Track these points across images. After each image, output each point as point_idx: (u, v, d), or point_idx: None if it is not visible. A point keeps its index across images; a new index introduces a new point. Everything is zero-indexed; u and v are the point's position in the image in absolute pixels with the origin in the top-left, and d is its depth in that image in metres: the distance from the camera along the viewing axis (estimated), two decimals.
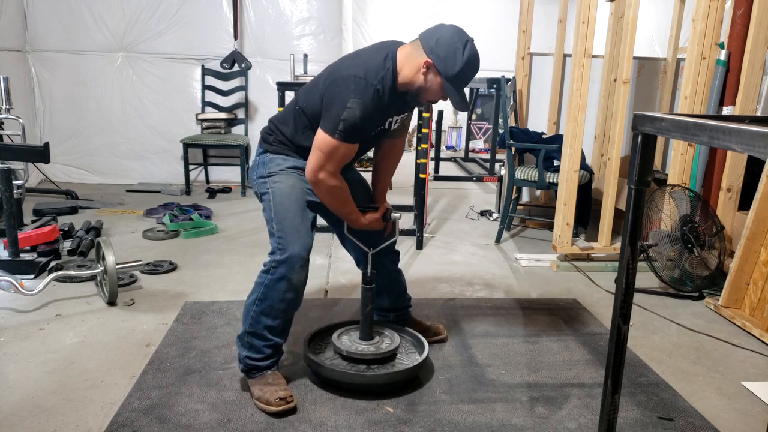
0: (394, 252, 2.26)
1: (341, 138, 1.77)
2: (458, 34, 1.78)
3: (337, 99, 1.76)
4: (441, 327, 2.39)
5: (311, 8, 5.20)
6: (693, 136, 1.12)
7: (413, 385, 2.03)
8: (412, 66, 1.80)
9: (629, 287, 1.36)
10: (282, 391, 1.84)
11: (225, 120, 5.06)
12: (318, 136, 1.81)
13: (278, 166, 1.95)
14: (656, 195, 3.09)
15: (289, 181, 1.92)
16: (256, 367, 1.93)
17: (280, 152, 1.96)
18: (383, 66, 1.79)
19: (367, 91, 1.75)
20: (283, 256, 1.84)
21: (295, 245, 1.84)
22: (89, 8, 4.90)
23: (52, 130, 5.06)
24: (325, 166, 1.81)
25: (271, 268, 1.86)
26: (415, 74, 1.80)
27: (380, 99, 1.78)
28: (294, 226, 1.87)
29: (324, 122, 1.79)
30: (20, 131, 3.11)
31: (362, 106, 1.74)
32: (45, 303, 2.61)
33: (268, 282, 1.86)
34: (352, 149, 1.85)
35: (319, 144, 1.80)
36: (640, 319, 2.69)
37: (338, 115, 1.75)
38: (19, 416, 1.79)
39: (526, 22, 4.13)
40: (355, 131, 1.78)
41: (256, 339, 1.91)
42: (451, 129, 8.09)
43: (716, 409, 1.97)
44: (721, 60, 3.00)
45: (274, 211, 1.89)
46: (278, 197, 1.90)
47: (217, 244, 3.56)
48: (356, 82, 1.75)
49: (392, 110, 1.91)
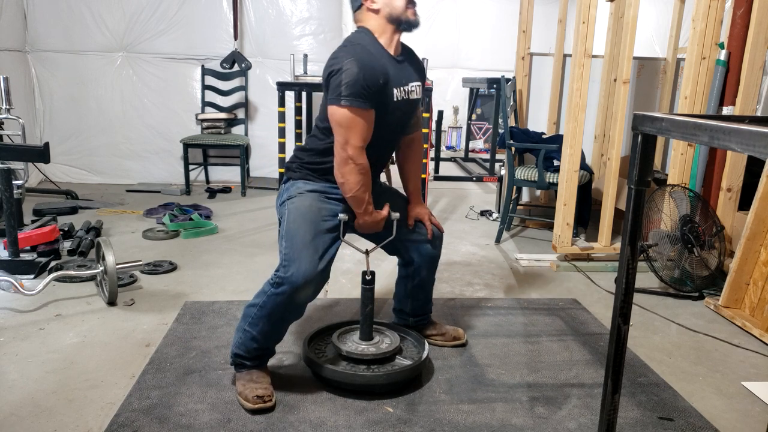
0: (434, 258, 2.19)
1: (348, 102, 1.77)
2: None
3: (332, 69, 1.81)
4: (461, 331, 2.36)
5: (311, 8, 5.20)
6: (693, 136, 1.12)
7: (413, 385, 2.03)
8: (367, 18, 1.90)
9: (629, 287, 1.36)
10: (262, 389, 1.86)
11: (225, 120, 5.06)
12: (329, 112, 1.83)
13: (298, 189, 1.97)
14: (656, 195, 3.09)
15: (305, 202, 1.93)
16: (243, 364, 1.96)
17: (302, 177, 2.00)
18: (357, 33, 1.91)
19: (352, 47, 1.83)
20: (287, 273, 1.81)
21: (301, 263, 1.81)
22: (89, 8, 4.90)
23: (52, 130, 5.06)
24: (350, 140, 1.81)
25: (275, 283, 1.85)
26: (375, 16, 1.89)
27: (368, 52, 1.84)
28: (303, 244, 1.84)
29: (329, 97, 1.82)
30: (20, 131, 3.11)
31: (356, 62, 1.77)
32: (45, 303, 2.61)
33: (271, 294, 1.86)
34: (369, 116, 1.83)
35: (334, 118, 1.82)
36: (640, 319, 2.69)
37: (338, 82, 1.77)
38: (19, 416, 1.79)
39: (526, 22, 4.13)
40: (360, 90, 1.77)
41: (248, 340, 1.93)
42: (451, 129, 8.08)
43: (716, 409, 1.97)
44: (721, 60, 3.00)
45: (286, 229, 1.90)
46: (292, 215, 1.91)
47: (217, 244, 3.56)
48: (341, 49, 1.85)
49: (389, 67, 1.89)
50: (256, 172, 5.42)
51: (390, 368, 2.01)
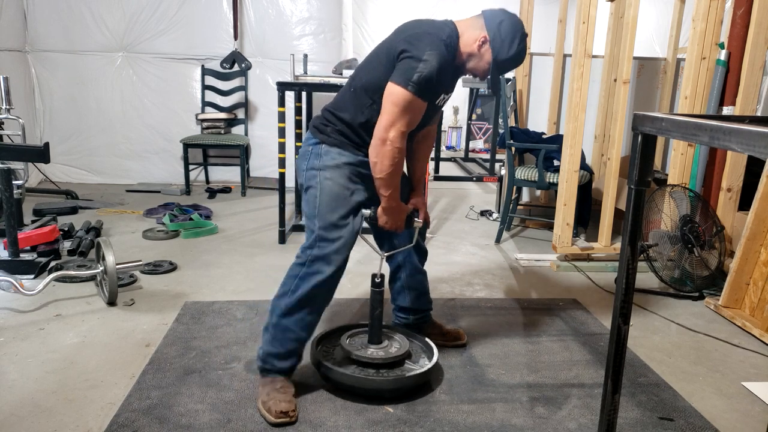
0: (424, 251, 2.26)
1: (414, 90, 1.76)
2: (520, 24, 1.90)
3: (412, 52, 1.77)
4: (461, 332, 2.37)
5: (311, 8, 5.20)
6: (693, 136, 1.12)
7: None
8: (471, 35, 1.88)
9: (629, 287, 1.36)
10: (286, 403, 1.81)
11: (225, 120, 5.06)
12: (389, 90, 1.78)
13: (333, 160, 1.89)
14: (656, 195, 3.09)
15: (340, 180, 1.89)
16: (274, 367, 1.90)
17: (337, 145, 1.90)
18: (449, 27, 1.88)
19: (441, 44, 1.80)
20: (323, 252, 1.84)
21: (336, 244, 1.85)
22: (89, 8, 4.90)
23: (52, 130, 5.06)
24: (396, 123, 1.78)
25: (308, 261, 1.85)
26: (472, 44, 1.88)
27: (450, 54, 1.84)
28: (338, 227, 1.86)
29: (396, 76, 1.78)
30: (20, 131, 3.11)
31: (438, 58, 1.77)
32: (45, 303, 2.61)
33: (303, 274, 1.85)
34: (422, 108, 1.83)
35: (393, 98, 1.77)
36: (640, 319, 2.69)
37: (413, 67, 1.76)
38: (19, 416, 1.79)
39: (526, 22, 4.13)
40: (428, 86, 1.78)
41: (281, 331, 1.88)
42: (451, 129, 8.08)
43: (716, 409, 1.97)
44: (721, 60, 3.00)
45: (319, 209, 1.87)
46: (326, 196, 1.88)
47: (217, 244, 3.56)
48: (430, 37, 1.81)
49: (450, 76, 1.92)
50: (256, 172, 5.42)
51: (399, 372, 1.99)
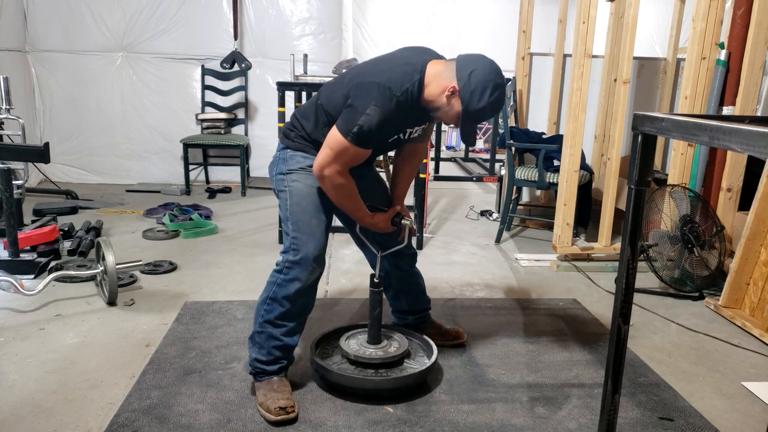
0: (411, 254, 2.25)
1: (353, 140, 1.75)
2: (494, 74, 1.77)
3: (357, 102, 1.74)
4: (460, 331, 2.37)
5: (311, 8, 5.20)
6: (693, 136, 1.12)
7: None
8: (438, 85, 1.78)
9: (629, 287, 1.36)
10: (284, 400, 1.82)
11: (225, 120, 5.06)
12: (331, 133, 1.79)
13: (298, 164, 1.93)
14: (656, 195, 3.09)
15: (307, 181, 1.91)
16: (264, 371, 1.92)
17: (300, 149, 1.94)
18: (410, 78, 1.77)
19: (390, 101, 1.73)
20: (297, 256, 1.85)
21: (309, 246, 1.85)
22: (89, 8, 4.90)
23: (52, 130, 5.06)
24: (332, 164, 1.79)
25: (284, 268, 1.86)
26: (439, 94, 1.78)
27: (400, 110, 1.76)
28: (309, 227, 1.87)
29: (340, 121, 1.78)
30: (20, 131, 3.11)
31: (381, 115, 1.73)
32: (45, 303, 2.61)
33: (280, 281, 1.87)
34: (363, 153, 1.82)
35: (331, 142, 1.78)
36: (640, 319, 2.69)
37: (355, 118, 1.74)
38: (19, 416, 1.79)
39: (526, 22, 4.13)
40: (368, 137, 1.76)
41: (265, 339, 1.91)
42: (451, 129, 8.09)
43: (716, 409, 1.97)
44: (721, 60, 3.00)
45: (290, 210, 1.89)
46: (295, 197, 1.90)
47: (217, 244, 3.56)
48: (380, 89, 1.73)
49: (409, 121, 1.89)
50: (256, 172, 5.42)
51: (399, 372, 2.00)
